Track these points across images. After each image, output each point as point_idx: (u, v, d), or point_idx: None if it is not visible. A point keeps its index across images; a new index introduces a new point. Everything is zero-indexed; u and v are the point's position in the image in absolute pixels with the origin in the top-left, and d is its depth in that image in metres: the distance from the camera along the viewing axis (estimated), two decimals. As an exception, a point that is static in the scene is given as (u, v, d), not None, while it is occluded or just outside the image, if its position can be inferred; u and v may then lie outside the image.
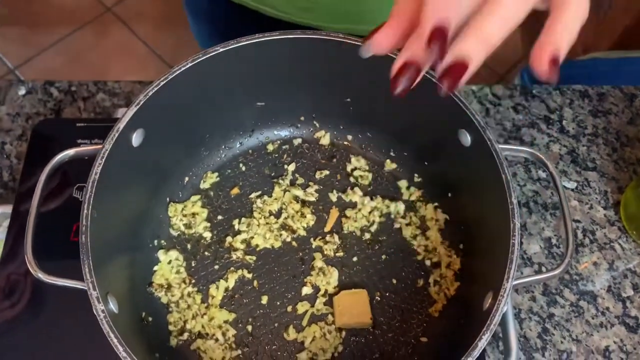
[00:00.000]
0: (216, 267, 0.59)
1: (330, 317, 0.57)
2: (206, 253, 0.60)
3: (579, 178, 0.68)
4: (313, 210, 0.62)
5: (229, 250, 0.60)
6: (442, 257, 0.59)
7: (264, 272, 0.59)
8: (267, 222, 0.61)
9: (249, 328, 0.56)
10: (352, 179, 0.64)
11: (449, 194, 0.61)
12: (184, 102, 0.55)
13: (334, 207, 0.62)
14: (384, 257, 0.60)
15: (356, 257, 0.60)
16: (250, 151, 0.65)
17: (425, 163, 0.62)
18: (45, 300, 0.57)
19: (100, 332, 0.43)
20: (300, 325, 0.56)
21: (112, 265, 0.51)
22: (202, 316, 0.56)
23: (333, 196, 0.63)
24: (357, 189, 0.63)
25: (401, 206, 0.62)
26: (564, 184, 0.67)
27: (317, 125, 0.65)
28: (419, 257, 0.60)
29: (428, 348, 0.55)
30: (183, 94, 0.54)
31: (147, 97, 0.51)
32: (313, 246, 0.60)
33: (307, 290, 0.58)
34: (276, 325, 0.56)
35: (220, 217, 0.61)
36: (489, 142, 0.50)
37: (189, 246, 0.60)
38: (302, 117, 0.65)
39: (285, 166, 0.64)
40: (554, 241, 0.64)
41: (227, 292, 0.58)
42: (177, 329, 0.56)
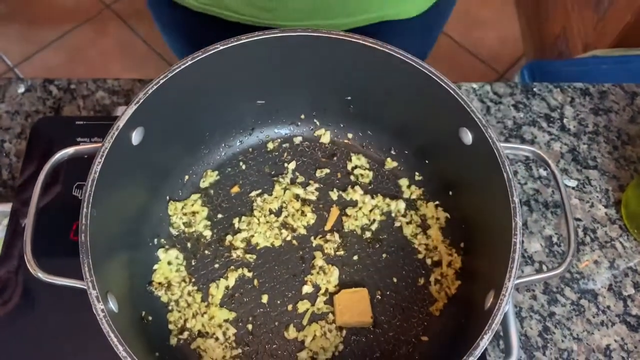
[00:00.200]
0: (216, 266, 0.59)
1: (331, 316, 0.57)
2: (206, 252, 0.59)
3: (579, 176, 0.68)
4: (313, 209, 0.62)
5: (229, 248, 0.59)
6: (443, 255, 0.59)
7: (264, 270, 0.59)
8: (268, 221, 0.61)
9: (249, 327, 0.56)
10: (352, 177, 0.63)
11: (450, 193, 0.61)
12: (183, 101, 0.55)
13: (334, 205, 0.62)
14: (384, 255, 0.59)
15: (357, 256, 0.59)
16: (250, 149, 0.65)
17: (426, 161, 0.62)
18: (40, 298, 0.57)
19: (100, 331, 0.43)
20: (300, 324, 0.56)
21: (112, 264, 0.51)
22: (202, 315, 0.56)
23: (333, 194, 0.62)
24: (357, 188, 0.62)
25: (402, 204, 0.62)
26: (565, 182, 0.67)
27: (318, 124, 0.65)
28: (420, 256, 0.59)
29: (429, 347, 0.55)
30: (183, 92, 0.54)
31: (147, 95, 0.51)
32: (313, 245, 0.60)
33: (307, 289, 0.58)
34: (276, 324, 0.56)
35: (220, 216, 0.61)
36: (490, 140, 0.50)
37: (189, 245, 0.60)
38: (302, 116, 0.65)
39: (286, 164, 0.64)
40: (554, 240, 0.64)
41: (227, 290, 0.58)
42: (177, 328, 0.56)
